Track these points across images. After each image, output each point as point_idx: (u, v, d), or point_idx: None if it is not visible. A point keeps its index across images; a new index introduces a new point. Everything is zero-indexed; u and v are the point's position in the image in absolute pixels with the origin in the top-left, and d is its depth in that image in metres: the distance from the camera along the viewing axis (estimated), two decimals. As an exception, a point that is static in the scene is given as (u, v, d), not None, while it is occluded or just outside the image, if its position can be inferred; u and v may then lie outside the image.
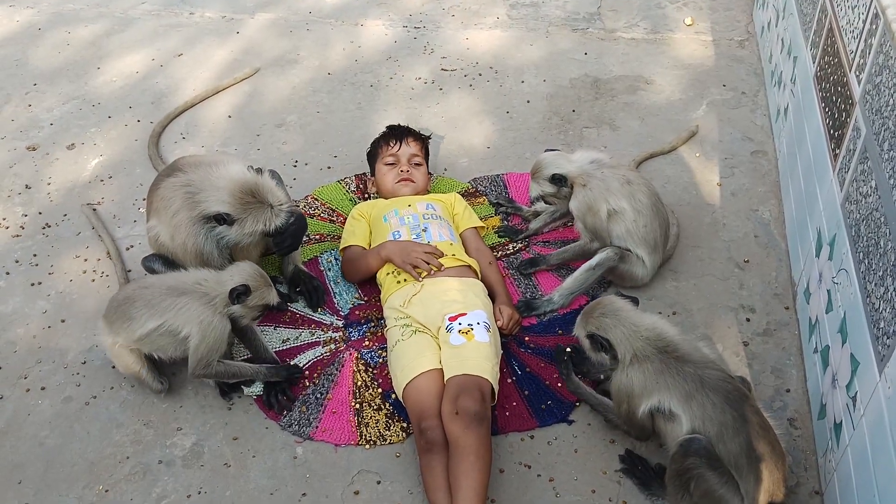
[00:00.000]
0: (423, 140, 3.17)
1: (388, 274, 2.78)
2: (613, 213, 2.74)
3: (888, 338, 1.88)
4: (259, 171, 2.57)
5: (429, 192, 3.14)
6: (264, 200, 2.50)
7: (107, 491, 2.35)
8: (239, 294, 2.35)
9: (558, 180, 2.77)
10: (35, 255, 3.13)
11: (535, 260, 2.92)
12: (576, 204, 2.79)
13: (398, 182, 3.02)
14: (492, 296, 2.74)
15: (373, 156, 3.17)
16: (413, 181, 3.03)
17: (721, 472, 2.02)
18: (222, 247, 2.60)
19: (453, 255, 2.77)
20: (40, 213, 3.32)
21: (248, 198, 2.48)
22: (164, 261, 2.71)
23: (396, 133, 3.14)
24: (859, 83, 2.37)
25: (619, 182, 2.74)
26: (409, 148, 3.10)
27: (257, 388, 2.54)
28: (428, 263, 2.67)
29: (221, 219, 2.49)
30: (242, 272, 2.41)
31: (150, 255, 2.77)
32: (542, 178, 2.79)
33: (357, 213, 2.99)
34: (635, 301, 2.34)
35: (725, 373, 2.15)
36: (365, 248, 2.90)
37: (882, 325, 1.92)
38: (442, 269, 2.67)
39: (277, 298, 2.43)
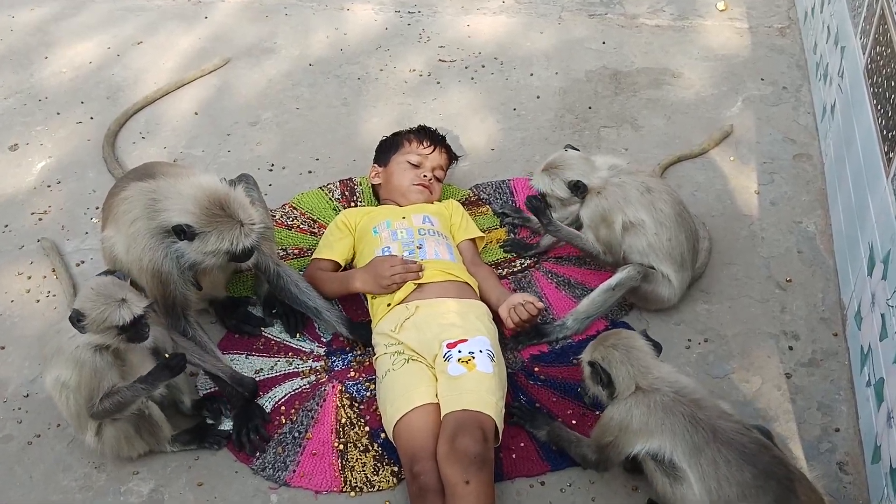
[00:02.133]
0: (452, 158, 3.25)
1: (374, 297, 2.82)
2: (630, 226, 2.77)
3: (951, 369, 1.88)
4: (233, 183, 2.57)
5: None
6: (234, 215, 2.47)
7: (51, 545, 2.34)
8: (77, 321, 2.27)
9: (577, 188, 2.77)
10: (-29, 272, 3.14)
11: (543, 212, 2.82)
12: (588, 212, 2.80)
13: (416, 185, 3.06)
14: (492, 305, 2.77)
15: (392, 146, 3.18)
16: (430, 192, 3.09)
17: None
18: (184, 267, 2.58)
19: (452, 273, 2.79)
20: (-22, 224, 3.34)
21: (215, 209, 2.46)
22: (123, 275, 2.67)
23: (433, 136, 3.19)
24: (916, 77, 2.38)
25: (637, 191, 2.76)
26: (438, 157, 3.16)
27: (226, 424, 2.56)
28: (408, 273, 2.71)
29: (181, 231, 2.47)
30: (83, 294, 2.34)
31: (103, 272, 2.71)
32: (560, 178, 2.78)
33: (342, 222, 3.01)
34: (658, 347, 2.35)
35: (742, 424, 2.17)
36: (338, 264, 2.94)
37: (944, 354, 1.93)
38: (421, 271, 2.71)
39: (128, 317, 2.27)
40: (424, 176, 3.08)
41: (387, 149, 3.20)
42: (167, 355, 2.43)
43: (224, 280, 2.89)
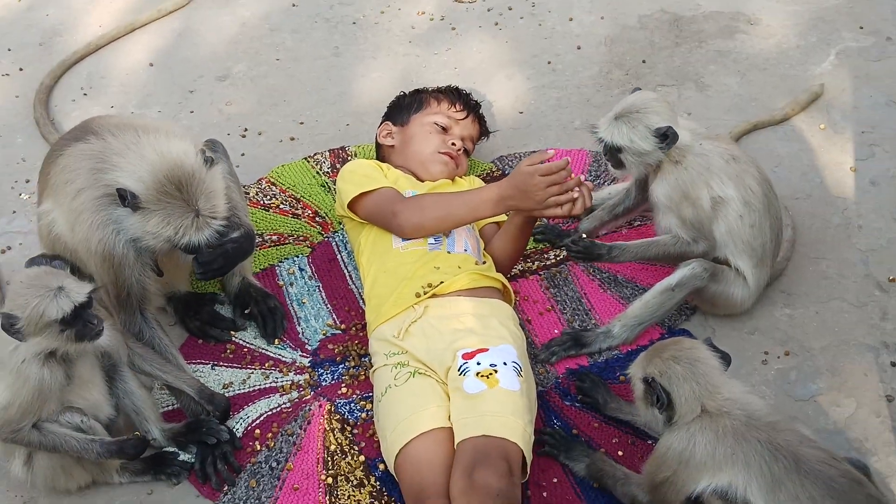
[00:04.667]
0: (484, 133, 3.32)
1: (374, 293, 2.81)
2: (717, 203, 2.76)
3: None
4: (211, 161, 2.58)
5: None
6: (191, 201, 2.48)
7: None
8: (10, 326, 2.29)
9: (665, 137, 2.70)
10: None
11: (594, 248, 2.82)
12: (666, 188, 2.77)
13: (442, 153, 3.10)
14: (513, 224, 2.85)
15: (414, 104, 3.23)
16: (457, 165, 3.13)
17: None
18: (140, 247, 2.58)
19: (484, 273, 2.81)
20: None
21: (170, 188, 2.46)
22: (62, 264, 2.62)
23: (466, 100, 3.25)
24: None
25: (722, 159, 2.76)
26: (470, 126, 3.23)
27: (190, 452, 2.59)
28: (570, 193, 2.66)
29: (124, 197, 2.47)
30: (12, 291, 2.38)
31: (37, 257, 2.69)
32: (643, 124, 2.72)
33: (367, 161, 3.05)
34: (726, 359, 2.36)
35: (829, 453, 2.18)
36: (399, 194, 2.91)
37: None
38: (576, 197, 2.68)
39: (67, 307, 2.29)
40: (453, 144, 3.12)
41: (406, 106, 3.24)
42: (135, 434, 2.51)
43: (188, 267, 2.88)
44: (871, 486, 2.16)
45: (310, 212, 3.25)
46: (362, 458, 2.58)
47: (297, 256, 3.14)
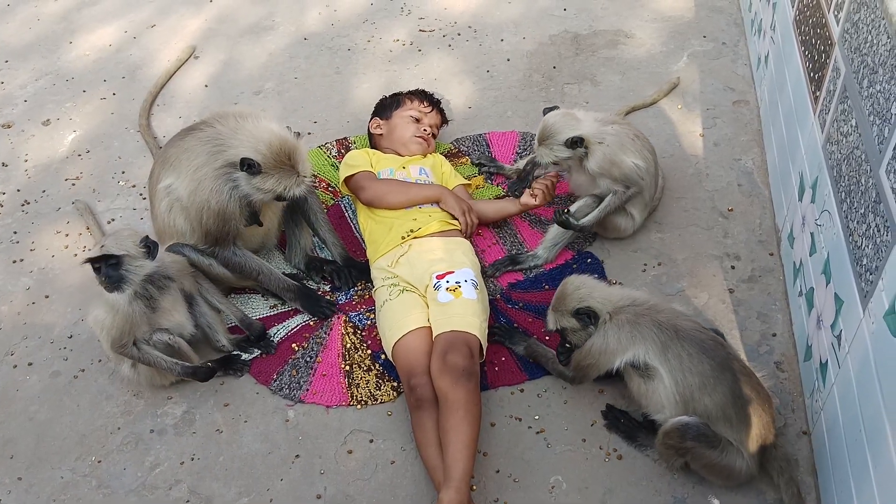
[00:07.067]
0: (444, 121, 3.24)
1: (372, 238, 2.80)
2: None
3: (871, 274, 1.89)
4: (298, 134, 2.54)
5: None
6: (295, 167, 2.45)
7: (99, 461, 2.35)
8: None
9: (575, 143, 2.58)
10: (15, 233, 3.10)
11: (574, 224, 2.71)
12: (596, 161, 2.63)
13: (417, 136, 3.02)
14: (515, 211, 2.88)
15: (394, 103, 3.13)
16: (427, 144, 3.05)
17: (720, 447, 2.05)
18: (242, 204, 2.52)
19: (449, 221, 2.79)
20: (18, 191, 3.29)
21: (283, 158, 2.43)
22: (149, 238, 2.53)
23: (430, 98, 3.17)
24: (838, 23, 2.35)
25: (629, 138, 2.68)
26: (435, 117, 3.15)
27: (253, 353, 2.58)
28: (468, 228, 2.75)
29: (248, 165, 2.41)
30: (108, 240, 2.32)
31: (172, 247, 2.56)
32: (557, 143, 2.59)
33: (359, 152, 2.98)
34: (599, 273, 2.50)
35: (698, 323, 2.17)
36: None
37: (865, 261, 1.94)
38: (473, 235, 2.72)
39: (89, 256, 2.26)
40: (424, 130, 3.05)
41: (389, 105, 3.15)
42: (206, 363, 2.50)
43: (275, 227, 2.82)
44: (728, 345, 2.18)
45: (324, 184, 3.20)
46: (369, 351, 2.57)
47: (317, 215, 3.06)
